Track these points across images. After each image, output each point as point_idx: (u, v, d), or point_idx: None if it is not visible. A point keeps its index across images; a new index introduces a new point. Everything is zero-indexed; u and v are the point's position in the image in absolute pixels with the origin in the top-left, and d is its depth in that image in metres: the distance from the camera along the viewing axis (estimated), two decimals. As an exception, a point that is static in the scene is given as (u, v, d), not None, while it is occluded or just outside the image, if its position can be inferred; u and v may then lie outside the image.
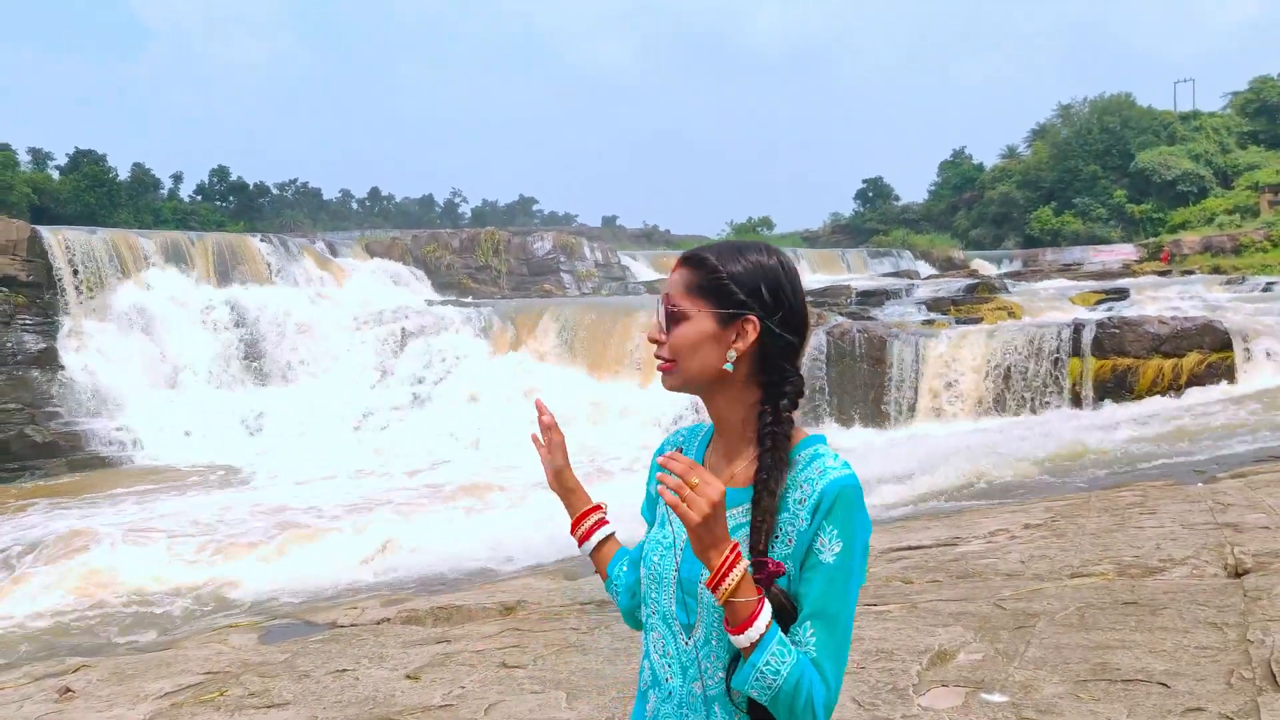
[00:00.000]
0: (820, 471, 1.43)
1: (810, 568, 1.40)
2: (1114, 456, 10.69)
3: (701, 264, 1.52)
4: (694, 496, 1.30)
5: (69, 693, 4.96)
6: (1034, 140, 57.73)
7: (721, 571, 1.32)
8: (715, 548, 1.32)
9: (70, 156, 64.54)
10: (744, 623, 1.34)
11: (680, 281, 1.53)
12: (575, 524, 1.81)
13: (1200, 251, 38.68)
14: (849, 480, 1.42)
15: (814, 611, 1.39)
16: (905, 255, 44.21)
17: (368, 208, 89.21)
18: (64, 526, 11.86)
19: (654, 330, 1.53)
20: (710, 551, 1.32)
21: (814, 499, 1.41)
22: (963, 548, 6.28)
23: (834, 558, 1.40)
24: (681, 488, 1.30)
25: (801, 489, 1.43)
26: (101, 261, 20.44)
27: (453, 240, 33.55)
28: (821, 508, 1.40)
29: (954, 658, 3.93)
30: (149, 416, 18.03)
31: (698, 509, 1.30)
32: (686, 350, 1.50)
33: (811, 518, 1.41)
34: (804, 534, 1.41)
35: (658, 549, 1.55)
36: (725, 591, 1.33)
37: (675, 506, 1.30)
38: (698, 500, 1.30)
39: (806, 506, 1.41)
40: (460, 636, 5.42)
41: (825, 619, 1.39)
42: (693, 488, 1.30)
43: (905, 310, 21.17)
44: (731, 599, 1.33)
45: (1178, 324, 15.42)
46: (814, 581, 1.40)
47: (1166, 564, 5.06)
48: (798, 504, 1.43)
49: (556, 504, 1.90)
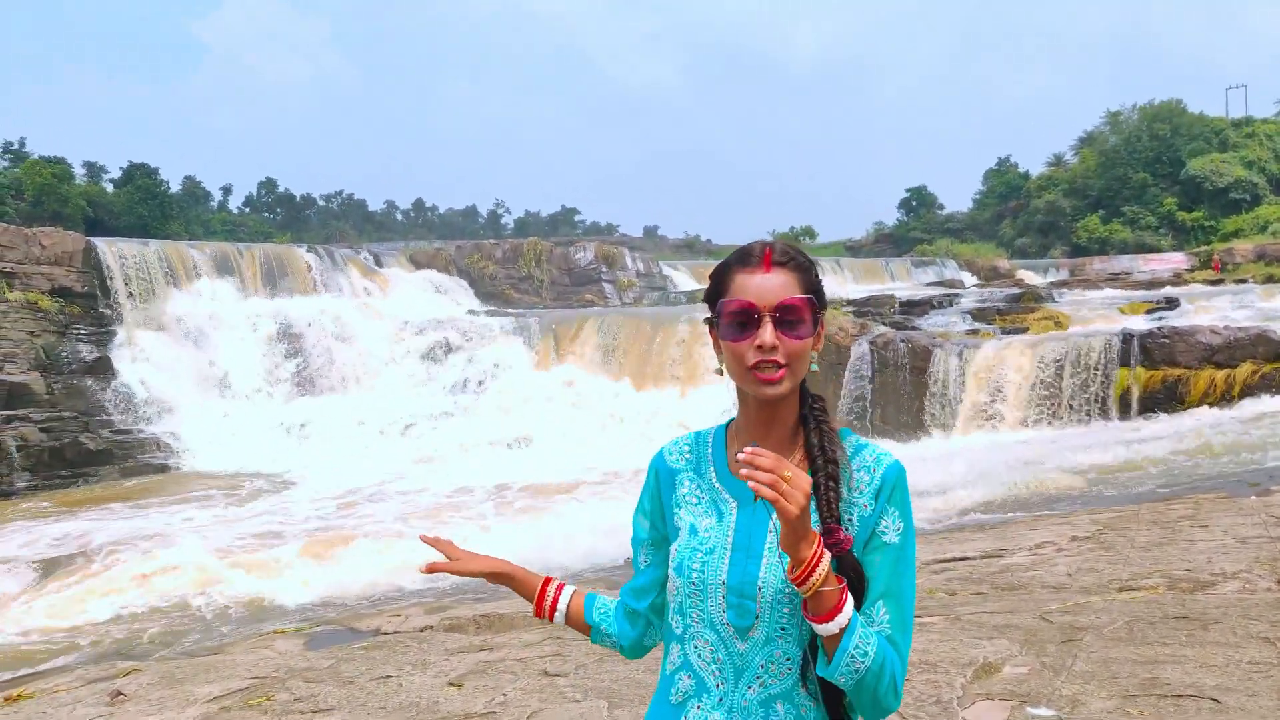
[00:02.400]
0: (875, 458, 1.48)
1: (875, 549, 1.45)
2: (1163, 468, 10.47)
3: (804, 266, 1.51)
4: (790, 490, 1.29)
5: (120, 696, 5.07)
6: (1081, 148, 56.83)
7: (811, 564, 1.33)
8: (805, 539, 1.33)
9: (124, 170, 66.11)
10: (831, 611, 1.35)
11: (789, 284, 1.48)
12: (538, 603, 1.72)
13: (1254, 260, 37.74)
14: (900, 464, 1.49)
15: (885, 591, 1.43)
16: (949, 265, 43.70)
17: (412, 219, 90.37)
18: (114, 532, 12.14)
19: (768, 337, 1.45)
20: (800, 544, 1.32)
21: (875, 484, 1.46)
22: (1008, 560, 6.19)
23: (898, 537, 1.45)
24: (777, 482, 1.28)
25: (859, 475, 1.47)
26: (154, 272, 20.93)
27: (496, 250, 33.81)
28: (884, 492, 1.46)
29: (999, 670, 3.88)
30: (198, 424, 18.41)
31: (795, 501, 1.29)
32: (802, 355, 1.48)
33: (875, 501, 1.46)
34: (867, 518, 1.46)
35: (696, 556, 1.51)
36: (815, 583, 1.33)
37: (775, 501, 1.28)
38: (794, 493, 1.29)
39: (867, 492, 1.46)
40: (502, 644, 5.45)
41: (895, 597, 1.43)
42: (786, 480, 1.29)
43: (949, 320, 20.93)
44: (820, 589, 1.34)
45: (1230, 334, 15.07)
46: (882, 562, 1.44)
47: (1218, 578, 4.95)
48: (857, 490, 1.46)
49: (601, 512, 1.90)
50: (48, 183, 52.52)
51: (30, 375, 17.28)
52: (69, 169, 58.44)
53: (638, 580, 1.69)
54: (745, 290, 1.48)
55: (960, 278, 39.22)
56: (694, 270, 38.73)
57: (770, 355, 1.45)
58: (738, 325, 1.47)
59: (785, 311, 1.46)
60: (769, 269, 1.48)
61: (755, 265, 1.49)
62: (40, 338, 17.99)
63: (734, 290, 1.50)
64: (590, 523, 10.03)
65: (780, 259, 1.49)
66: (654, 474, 1.68)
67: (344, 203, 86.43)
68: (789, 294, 1.46)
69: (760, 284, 1.47)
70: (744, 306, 1.47)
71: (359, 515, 12.57)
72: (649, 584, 1.67)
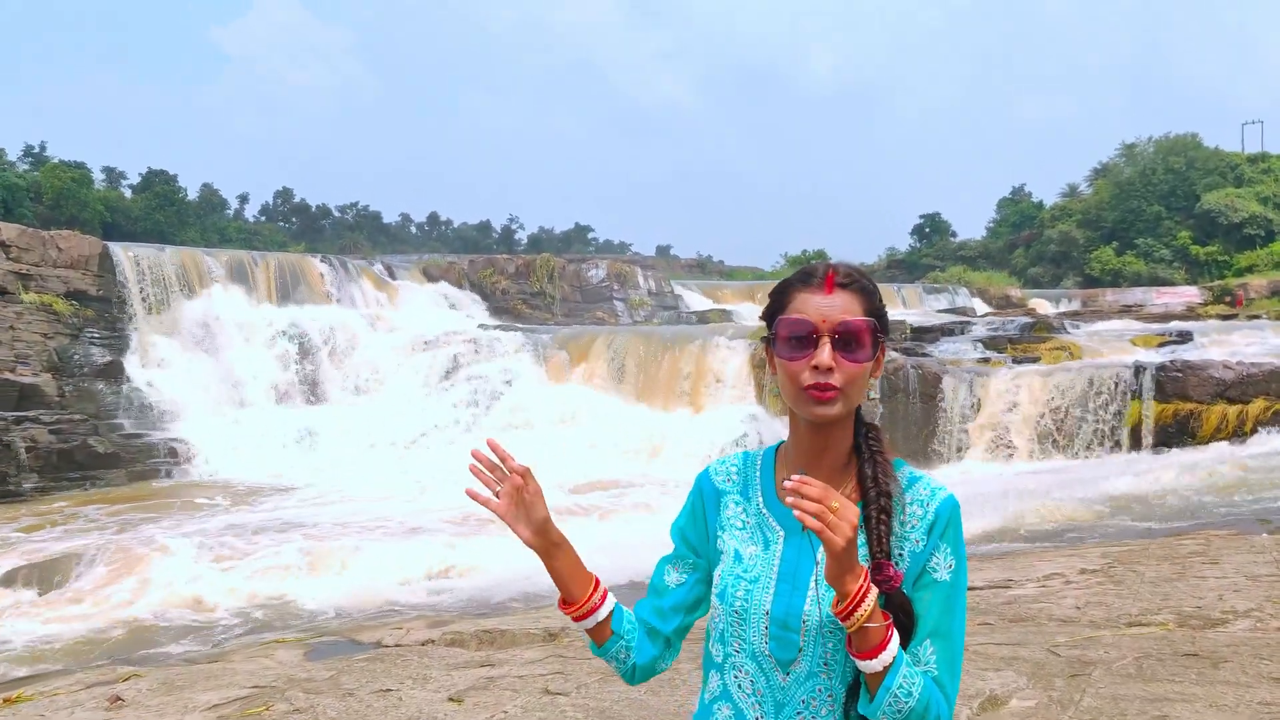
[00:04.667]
0: (929, 492, 1.44)
1: (925, 586, 1.40)
2: (1174, 503, 10.39)
3: (868, 290, 1.48)
4: (837, 521, 1.26)
5: (119, 701, 5.05)
6: (1096, 179, 56.82)
7: (856, 599, 1.29)
8: (851, 573, 1.29)
9: (143, 176, 66.75)
10: (876, 648, 1.31)
11: (851, 306, 1.44)
12: (583, 601, 1.62)
13: (1268, 296, 37.59)
14: (955, 499, 1.43)
15: (934, 630, 1.38)
16: (961, 292, 43.60)
17: (426, 232, 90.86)
18: (120, 536, 12.15)
19: (825, 357, 1.41)
20: (846, 577, 1.29)
21: (928, 519, 1.42)
22: (1015, 591, 6.14)
23: (949, 575, 1.40)
24: (824, 513, 1.25)
25: (912, 509, 1.42)
26: (169, 278, 21.05)
27: (509, 266, 33.91)
28: (937, 528, 1.41)
29: (1006, 704, 3.83)
30: (208, 431, 18.45)
31: (841, 533, 1.26)
32: (859, 380, 1.44)
33: (927, 537, 1.41)
34: (919, 554, 1.41)
35: (740, 585, 1.48)
36: (860, 619, 1.30)
37: (820, 532, 1.25)
38: (840, 525, 1.26)
39: (920, 527, 1.41)
40: (504, 661, 5.42)
41: (944, 637, 1.39)
42: (834, 511, 1.26)
43: (961, 348, 20.85)
44: (865, 625, 1.30)
45: (1244, 369, 14.99)
46: (932, 600, 1.39)
47: (1229, 615, 4.89)
48: (909, 525, 1.42)
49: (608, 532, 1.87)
50: (67, 187, 53.05)
51: (42, 377, 17.37)
52: (88, 173, 59.00)
53: (664, 600, 1.63)
54: (805, 309, 1.45)
55: (972, 305, 39.13)
56: (706, 290, 38.76)
57: (826, 377, 1.41)
58: (795, 344, 1.44)
59: (845, 333, 1.42)
60: (831, 290, 1.45)
61: (817, 285, 1.46)
62: (53, 340, 18.09)
63: (793, 309, 1.46)
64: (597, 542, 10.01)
65: (843, 280, 1.46)
66: (698, 493, 1.63)
67: (359, 214, 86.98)
68: (850, 316, 1.43)
69: (821, 304, 1.44)
70: (802, 325, 1.43)
71: (364, 526, 12.54)
72: (678, 605, 1.62)
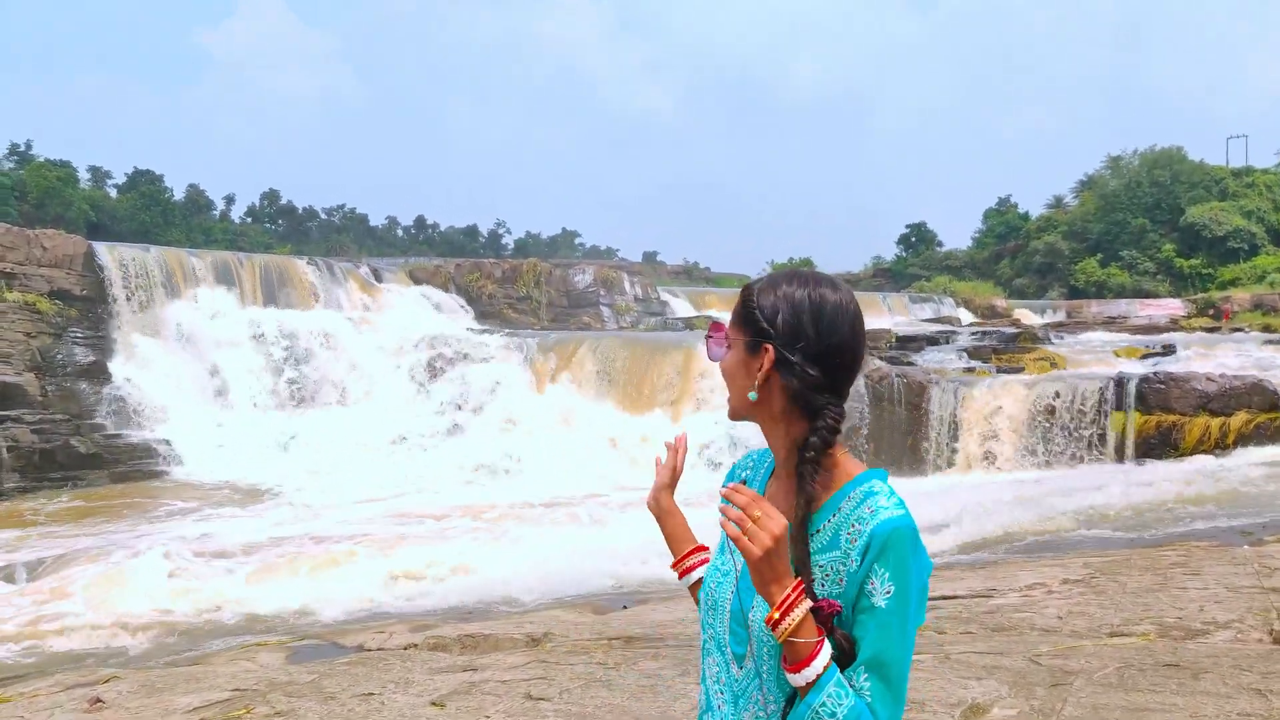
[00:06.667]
0: (872, 511, 1.38)
1: (862, 610, 1.36)
2: (1156, 514, 10.45)
3: (743, 292, 1.56)
4: (755, 530, 1.28)
5: (99, 703, 5.01)
6: (1081, 191, 57.23)
7: (783, 609, 1.30)
8: (776, 583, 1.30)
9: (129, 176, 66.40)
10: (802, 661, 1.30)
11: (732, 311, 1.57)
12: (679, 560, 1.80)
13: (1250, 309, 37.94)
14: (901, 521, 1.37)
15: (868, 658, 1.34)
16: (947, 301, 43.82)
17: (413, 235, 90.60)
18: (100, 539, 12.06)
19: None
20: (771, 587, 1.30)
21: (864, 540, 1.37)
22: (998, 600, 6.16)
23: (886, 601, 1.35)
24: (744, 520, 1.28)
25: (852, 528, 1.39)
26: (153, 278, 20.92)
27: (495, 270, 33.87)
28: (871, 549, 1.36)
29: (988, 712, 3.85)
30: (191, 432, 18.33)
31: (759, 543, 1.28)
32: (727, 377, 1.55)
33: (861, 559, 1.36)
34: (854, 575, 1.37)
35: (715, 575, 1.55)
36: (785, 630, 1.30)
37: (736, 539, 1.28)
38: (759, 534, 1.28)
39: (857, 548, 1.37)
40: (486, 665, 5.40)
41: (879, 666, 1.34)
42: (754, 520, 1.28)
43: (946, 357, 20.95)
44: (792, 638, 1.30)
45: (1226, 382, 15.11)
46: (867, 625, 1.35)
47: (1210, 627, 4.93)
48: (849, 544, 1.38)
49: (588, 538, 1.94)
50: (52, 186, 52.72)
51: (24, 376, 17.22)
52: (74, 172, 58.66)
53: None
54: None
55: (958, 315, 39.33)
56: (692, 296, 38.83)
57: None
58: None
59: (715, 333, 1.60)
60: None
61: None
62: (37, 339, 17.94)
63: None
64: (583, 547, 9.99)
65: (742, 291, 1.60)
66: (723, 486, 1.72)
67: (345, 216, 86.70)
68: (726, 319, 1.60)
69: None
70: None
71: (347, 530, 12.48)
72: None
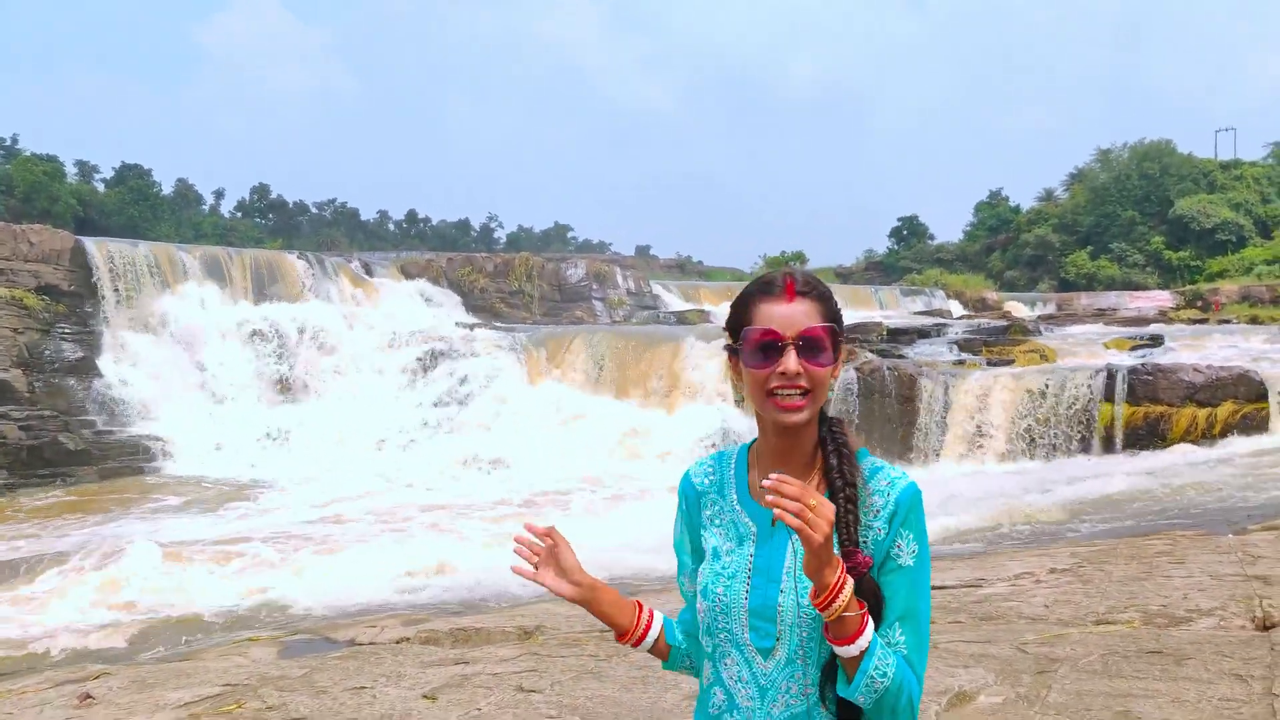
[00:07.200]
0: (889, 482, 1.50)
1: (890, 571, 1.48)
2: (1143, 505, 10.53)
3: (825, 296, 1.55)
4: (815, 518, 1.32)
5: (89, 699, 5.02)
6: (1072, 184, 57.38)
7: (835, 590, 1.36)
8: (829, 565, 1.36)
9: (116, 170, 66.03)
10: (853, 635, 1.38)
11: (812, 313, 1.52)
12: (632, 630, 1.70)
13: (1238, 301, 38.15)
14: (914, 487, 1.51)
15: (902, 613, 1.47)
16: (938, 294, 43.92)
17: (405, 229, 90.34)
18: (91, 535, 12.04)
19: (792, 364, 1.48)
20: (824, 570, 1.35)
21: (889, 509, 1.49)
22: (986, 590, 6.21)
23: (913, 559, 1.49)
24: (803, 511, 1.31)
25: (874, 500, 1.49)
26: (142, 273, 20.83)
27: (487, 264, 33.81)
28: (898, 516, 1.48)
29: (974, 700, 3.89)
30: (181, 428, 18.28)
31: (820, 530, 1.32)
32: (823, 383, 1.52)
33: (889, 526, 1.48)
34: (881, 542, 1.48)
35: (720, 581, 1.56)
36: (839, 608, 1.36)
37: (800, 529, 1.31)
38: (819, 521, 1.32)
39: (882, 516, 1.49)
40: (478, 659, 5.42)
41: (912, 618, 1.48)
42: (811, 509, 1.32)
43: (936, 349, 21.02)
44: (844, 614, 1.37)
45: (1213, 373, 15.20)
46: (898, 584, 1.48)
47: (1193, 614, 4.98)
48: (872, 514, 1.49)
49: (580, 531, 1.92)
50: (39, 180, 52.41)
51: (12, 372, 17.15)
52: (61, 167, 58.32)
53: (690, 612, 1.72)
54: (770, 319, 1.51)
55: (948, 308, 39.44)
56: (684, 291, 38.82)
57: (795, 381, 1.48)
58: (761, 352, 1.51)
59: (808, 340, 1.50)
60: (792, 298, 1.52)
61: (778, 294, 1.53)
62: (24, 335, 17.86)
63: (758, 319, 1.53)
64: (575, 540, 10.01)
65: (803, 289, 1.54)
66: (684, 499, 1.71)
67: (337, 211, 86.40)
68: (811, 322, 1.51)
69: (784, 313, 1.51)
70: (768, 334, 1.50)
71: (340, 525, 12.49)
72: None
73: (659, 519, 1.93)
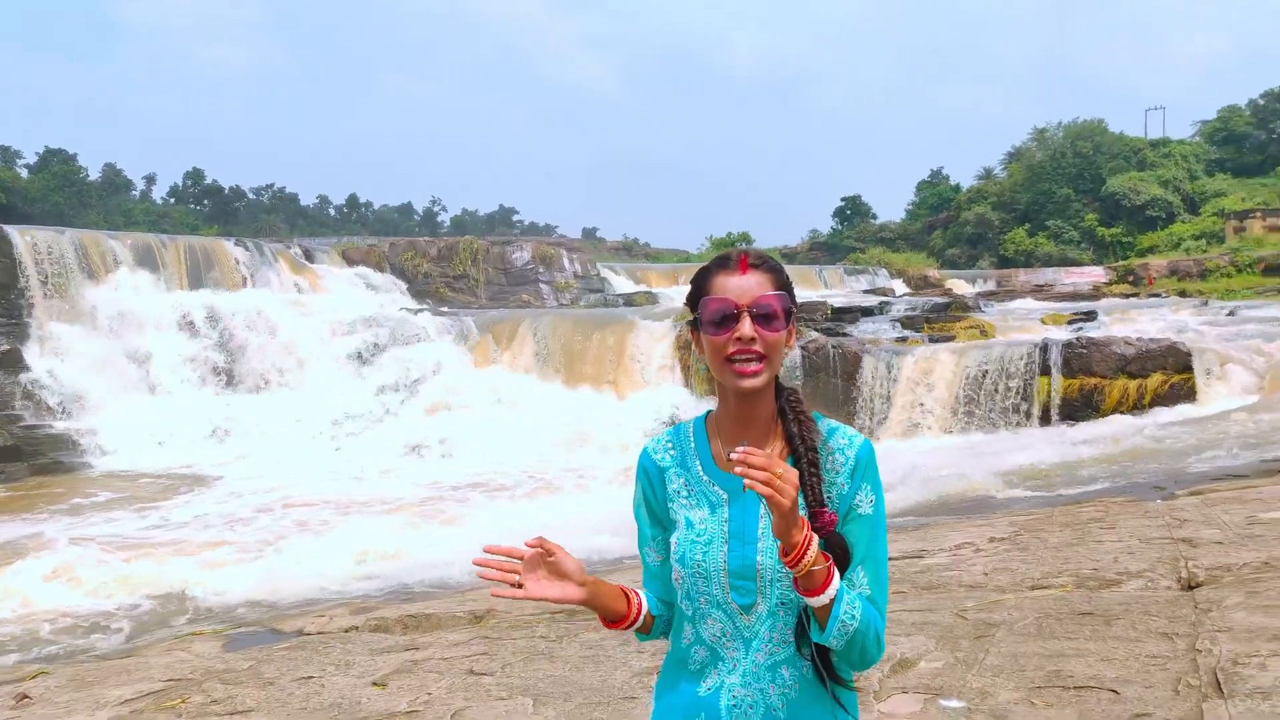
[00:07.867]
0: (847, 441, 1.64)
1: (852, 520, 1.61)
2: (1079, 473, 10.85)
3: (775, 268, 1.66)
4: (782, 485, 1.41)
5: (25, 699, 4.91)
6: (1009, 163, 58.43)
7: (802, 548, 1.46)
8: (795, 526, 1.46)
9: (40, 155, 63.89)
10: (821, 586, 1.49)
11: (764, 283, 1.63)
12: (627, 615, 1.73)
13: (1167, 275, 39.30)
14: (868, 443, 1.66)
15: (863, 557, 1.61)
16: (881, 273, 44.50)
17: (345, 214, 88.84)
18: (23, 532, 11.71)
19: (746, 329, 1.59)
20: (791, 530, 1.45)
21: (850, 465, 1.63)
22: (928, 560, 6.36)
23: (871, 509, 1.63)
24: (771, 479, 1.40)
25: (834, 458, 1.62)
26: (69, 262, 20.23)
27: (430, 249, 33.44)
28: (858, 471, 1.62)
29: (915, 665, 3.99)
30: (115, 421, 17.84)
31: (787, 495, 1.42)
32: (778, 348, 1.63)
33: (850, 480, 1.62)
34: (844, 495, 1.61)
35: (697, 548, 1.65)
36: (806, 564, 1.47)
37: (769, 496, 1.41)
38: (786, 488, 1.42)
39: (844, 472, 1.62)
40: (429, 644, 5.41)
41: (872, 560, 1.61)
42: (778, 477, 1.41)
43: (880, 327, 21.34)
44: (811, 569, 1.47)
45: (1142, 345, 15.68)
46: (859, 532, 1.61)
47: (1123, 577, 5.16)
48: (833, 471, 1.62)
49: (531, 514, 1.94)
50: (-42, 168, 50.43)
51: (-64, 367, 16.57)
52: (-18, 154, 56.16)
53: (660, 578, 1.78)
54: (725, 289, 1.63)
55: (892, 286, 39.97)
56: (631, 273, 38.81)
57: (750, 346, 1.60)
58: (718, 321, 1.62)
59: (761, 307, 1.61)
60: (745, 271, 1.64)
61: (733, 268, 1.65)
62: (-53, 328, 17.27)
63: (715, 290, 1.65)
64: (524, 524, 10.01)
65: (755, 262, 1.65)
66: (644, 473, 1.78)
67: (275, 196, 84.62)
68: (764, 291, 1.62)
69: (738, 284, 1.63)
70: (724, 303, 1.62)
71: (284, 516, 12.32)
72: (669, 576, 1.76)
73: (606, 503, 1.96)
